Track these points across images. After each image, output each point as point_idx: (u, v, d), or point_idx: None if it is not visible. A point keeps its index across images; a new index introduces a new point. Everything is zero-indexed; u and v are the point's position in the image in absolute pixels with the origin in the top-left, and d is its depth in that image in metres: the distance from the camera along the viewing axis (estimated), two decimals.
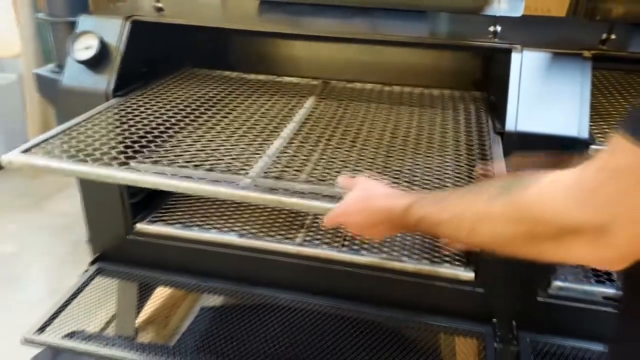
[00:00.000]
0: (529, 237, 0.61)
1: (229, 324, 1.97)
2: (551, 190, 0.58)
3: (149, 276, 1.54)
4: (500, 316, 1.34)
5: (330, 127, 1.43)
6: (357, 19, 1.48)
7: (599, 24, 1.22)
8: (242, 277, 1.48)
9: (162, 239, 1.47)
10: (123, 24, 1.35)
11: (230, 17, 1.64)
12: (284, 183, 1.13)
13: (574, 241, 0.56)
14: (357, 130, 1.43)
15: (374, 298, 1.41)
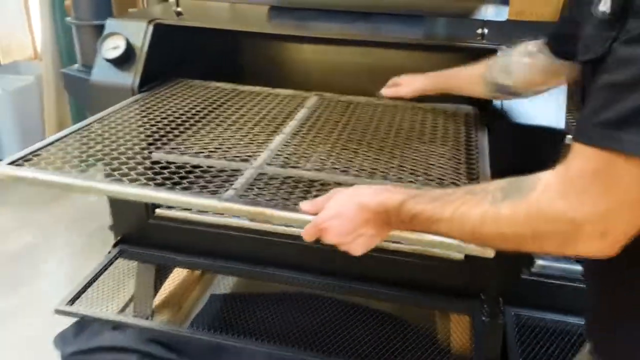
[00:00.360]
0: (535, 236, 0.66)
1: (237, 310, 2.11)
2: (551, 192, 0.64)
3: (167, 257, 1.68)
4: (488, 293, 1.48)
5: (330, 124, 1.50)
6: (358, 24, 1.62)
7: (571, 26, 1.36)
8: (253, 258, 1.61)
9: (180, 222, 1.61)
10: (147, 27, 1.50)
11: (241, 20, 1.78)
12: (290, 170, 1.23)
13: (577, 236, 0.62)
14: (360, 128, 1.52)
15: (371, 278, 1.54)
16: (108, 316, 1.42)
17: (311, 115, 1.52)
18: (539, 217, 0.64)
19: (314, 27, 1.63)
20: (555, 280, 1.43)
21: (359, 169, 1.23)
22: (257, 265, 1.61)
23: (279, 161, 1.24)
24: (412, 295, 1.53)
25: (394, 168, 1.25)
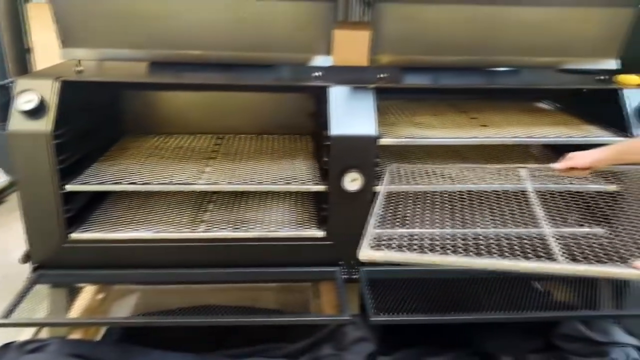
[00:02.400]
0: None
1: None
2: None
3: (82, 277, 1.96)
4: (345, 259, 2.02)
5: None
6: (224, 73, 2.10)
7: (376, 68, 2.01)
8: (161, 264, 1.97)
9: (93, 243, 1.92)
10: (54, 83, 1.83)
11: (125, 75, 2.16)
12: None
13: None
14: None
15: (259, 263, 2.00)
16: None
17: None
18: None
19: (187, 77, 2.08)
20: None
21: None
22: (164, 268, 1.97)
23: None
24: (291, 272, 2.01)
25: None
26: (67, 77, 1.87)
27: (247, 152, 2.32)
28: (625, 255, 1.41)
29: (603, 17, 2.01)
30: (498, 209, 1.81)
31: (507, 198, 1.85)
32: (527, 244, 1.53)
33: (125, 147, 2.33)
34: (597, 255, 1.48)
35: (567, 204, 1.88)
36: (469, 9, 1.94)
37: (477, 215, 1.78)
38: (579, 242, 1.56)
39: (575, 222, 1.86)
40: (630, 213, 1.76)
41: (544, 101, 2.62)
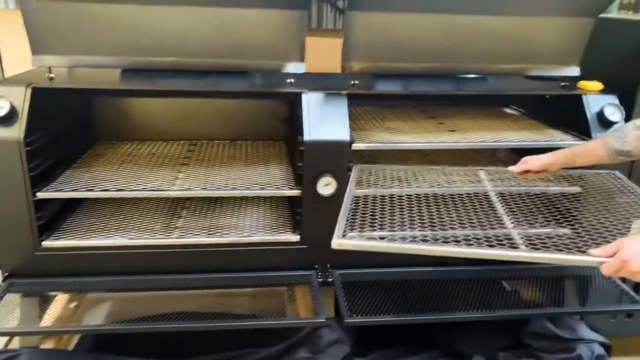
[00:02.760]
0: None
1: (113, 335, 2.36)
2: None
3: (55, 285, 1.94)
4: (320, 262, 2.05)
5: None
6: (198, 80, 2.12)
7: (348, 75, 2.05)
8: (135, 271, 1.97)
9: (67, 250, 1.91)
10: (26, 90, 1.82)
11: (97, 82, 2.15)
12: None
13: None
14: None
15: (234, 268, 2.01)
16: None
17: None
18: None
19: (161, 84, 2.08)
20: None
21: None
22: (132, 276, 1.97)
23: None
24: (266, 276, 2.03)
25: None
26: (38, 84, 1.85)
27: (220, 158, 2.34)
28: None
29: (565, 27, 2.10)
30: (464, 211, 1.86)
31: (470, 200, 1.91)
32: (495, 241, 1.59)
33: (98, 154, 2.32)
34: (559, 248, 1.55)
35: (534, 205, 1.95)
36: (438, 17, 2.01)
37: (444, 217, 1.83)
38: (543, 240, 1.63)
39: (540, 223, 1.93)
40: (592, 213, 1.84)
41: (510, 106, 2.70)
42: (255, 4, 1.86)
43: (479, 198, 1.93)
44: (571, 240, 1.58)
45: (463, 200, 1.92)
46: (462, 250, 1.50)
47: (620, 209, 1.78)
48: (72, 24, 1.91)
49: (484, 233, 1.68)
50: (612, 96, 2.08)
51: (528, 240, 1.61)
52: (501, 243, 1.56)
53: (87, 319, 2.51)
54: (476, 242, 1.57)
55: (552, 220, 1.93)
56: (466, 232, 1.71)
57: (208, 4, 1.87)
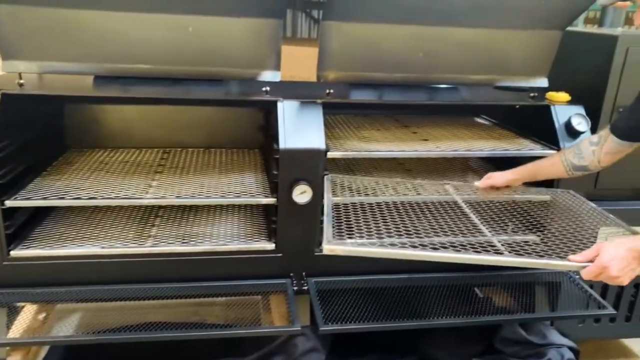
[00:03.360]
0: None
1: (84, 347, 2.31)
2: None
3: (24, 296, 1.89)
4: (295, 270, 2.05)
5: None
6: (172, 88, 2.11)
7: (324, 84, 2.07)
8: (107, 280, 1.94)
9: (36, 260, 1.87)
10: None
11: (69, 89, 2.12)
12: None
13: None
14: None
15: (208, 277, 2.00)
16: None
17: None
18: None
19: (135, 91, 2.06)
20: None
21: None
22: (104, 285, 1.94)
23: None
24: (241, 285, 2.02)
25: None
26: (7, 90, 1.82)
27: (194, 166, 2.32)
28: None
29: (534, 40, 2.16)
30: (440, 219, 1.90)
31: (443, 208, 1.95)
32: (480, 247, 1.63)
33: (70, 162, 2.28)
34: (540, 254, 1.62)
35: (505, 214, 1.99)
36: (411, 29, 2.04)
37: (423, 223, 1.86)
38: (523, 246, 1.68)
39: (513, 231, 1.97)
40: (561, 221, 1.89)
41: (481, 116, 2.76)
42: (231, 12, 1.87)
43: (451, 206, 1.97)
44: (548, 247, 1.65)
45: (436, 208, 1.96)
46: (455, 256, 1.54)
47: (585, 221, 1.84)
48: (44, 30, 1.88)
49: (467, 240, 1.72)
50: (579, 107, 2.15)
51: (509, 247, 1.67)
52: (486, 250, 1.62)
53: (56, 329, 2.45)
54: (462, 248, 1.61)
55: (523, 228, 1.97)
56: (450, 239, 1.74)
57: (183, 12, 1.87)
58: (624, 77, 2.12)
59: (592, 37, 2.30)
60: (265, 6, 1.87)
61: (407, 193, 2.05)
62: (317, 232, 2.03)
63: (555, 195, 2.06)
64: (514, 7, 2.04)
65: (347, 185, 2.04)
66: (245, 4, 1.86)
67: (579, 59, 2.31)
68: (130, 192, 1.95)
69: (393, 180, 2.17)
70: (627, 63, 2.11)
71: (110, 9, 1.86)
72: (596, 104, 2.16)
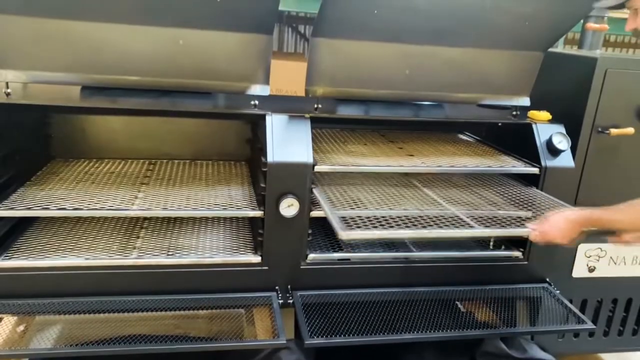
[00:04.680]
0: None
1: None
2: None
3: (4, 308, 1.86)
4: (280, 284, 2.05)
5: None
6: (160, 99, 2.11)
7: (312, 99, 2.10)
8: (91, 292, 1.92)
9: (18, 271, 1.84)
10: None
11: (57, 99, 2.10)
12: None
13: None
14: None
15: (193, 289, 1.99)
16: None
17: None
18: None
19: (122, 102, 2.06)
20: (322, 266, 2.08)
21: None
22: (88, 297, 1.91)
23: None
24: (226, 298, 2.01)
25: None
26: None
27: (181, 178, 2.32)
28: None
29: (517, 60, 2.22)
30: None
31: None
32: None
33: (54, 172, 2.26)
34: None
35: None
36: (398, 47, 2.08)
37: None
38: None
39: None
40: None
41: (465, 133, 2.81)
42: (221, 26, 1.89)
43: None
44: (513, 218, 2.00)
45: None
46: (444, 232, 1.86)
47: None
48: (32, 39, 1.87)
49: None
50: (560, 125, 2.21)
51: (476, 220, 1.96)
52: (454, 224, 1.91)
53: (36, 342, 2.40)
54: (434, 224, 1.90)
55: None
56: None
57: (173, 25, 1.88)
58: (602, 98, 2.18)
59: (573, 59, 2.37)
60: (256, 22, 1.89)
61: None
62: (303, 246, 2.04)
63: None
64: (498, 28, 2.09)
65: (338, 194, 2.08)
66: (236, 19, 1.87)
67: (560, 80, 2.38)
68: (116, 203, 1.94)
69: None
70: (606, 84, 2.17)
71: (100, 20, 1.86)
72: (576, 123, 2.22)
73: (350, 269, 2.12)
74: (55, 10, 1.80)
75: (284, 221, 1.95)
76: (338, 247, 2.19)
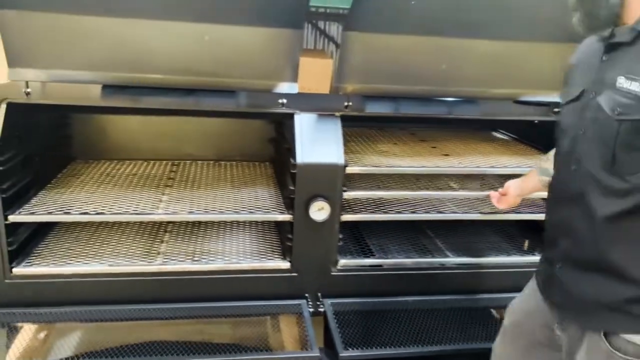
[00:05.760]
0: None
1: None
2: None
3: (27, 316, 1.79)
4: (310, 291, 1.95)
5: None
6: (185, 98, 2.03)
7: (342, 96, 1.99)
8: (114, 300, 1.84)
9: (40, 278, 1.77)
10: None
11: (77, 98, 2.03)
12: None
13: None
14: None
15: (220, 297, 1.90)
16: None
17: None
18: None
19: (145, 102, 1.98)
20: (354, 272, 1.97)
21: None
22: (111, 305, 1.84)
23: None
24: (254, 305, 1.92)
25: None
26: (14, 99, 1.73)
27: (205, 180, 2.24)
28: None
29: (557, 53, 2.09)
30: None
31: None
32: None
33: (75, 174, 2.19)
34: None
35: None
36: (432, 40, 1.96)
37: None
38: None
39: None
40: None
41: (499, 130, 2.69)
42: (250, 21, 1.79)
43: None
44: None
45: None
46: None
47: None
48: (51, 36, 1.79)
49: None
50: None
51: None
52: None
53: (57, 349, 2.33)
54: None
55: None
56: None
57: (199, 20, 1.79)
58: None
59: None
60: (286, 16, 1.79)
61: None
62: (334, 251, 1.94)
63: None
64: (538, 19, 1.97)
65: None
66: (265, 13, 1.78)
67: None
68: (140, 207, 1.86)
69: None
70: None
71: (122, 15, 1.77)
72: None
73: (382, 276, 2.02)
74: (75, 5, 1.72)
75: (314, 225, 1.86)
76: (370, 253, 2.09)
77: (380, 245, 2.17)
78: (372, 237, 2.24)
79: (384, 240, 2.21)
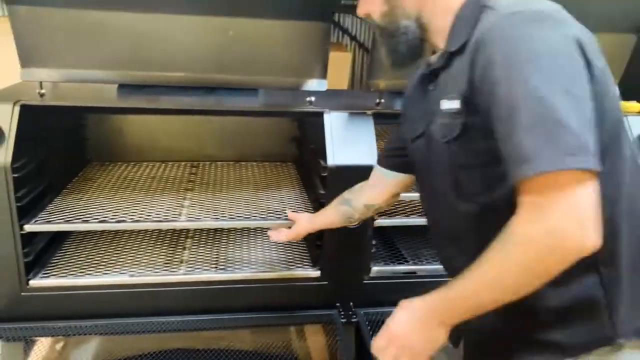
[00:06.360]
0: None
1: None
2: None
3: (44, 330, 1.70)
4: (342, 300, 1.85)
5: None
6: (205, 97, 1.91)
7: (373, 93, 1.87)
8: (135, 312, 1.74)
9: (57, 290, 1.67)
10: (13, 108, 1.59)
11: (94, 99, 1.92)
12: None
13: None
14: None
15: (247, 307, 1.80)
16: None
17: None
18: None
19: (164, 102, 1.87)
20: (387, 280, 1.86)
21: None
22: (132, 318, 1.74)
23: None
24: (284, 316, 1.82)
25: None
26: (27, 101, 1.63)
27: (227, 182, 2.13)
28: None
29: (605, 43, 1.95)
30: None
31: None
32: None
33: (91, 178, 2.09)
34: None
35: None
36: None
37: None
38: None
39: None
40: None
41: None
42: (276, 14, 1.67)
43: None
44: None
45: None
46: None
47: None
48: (65, 33, 1.68)
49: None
50: None
51: None
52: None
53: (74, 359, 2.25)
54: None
55: None
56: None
57: (222, 13, 1.67)
58: None
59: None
60: (314, 8, 1.67)
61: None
62: (366, 258, 1.83)
63: None
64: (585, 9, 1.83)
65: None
66: (293, 5, 1.66)
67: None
68: (162, 213, 1.76)
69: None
70: None
71: (139, 10, 1.66)
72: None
73: (417, 284, 1.90)
74: (90, 0, 1.61)
75: (345, 231, 1.74)
76: (403, 259, 1.97)
77: (413, 250, 2.05)
78: (402, 242, 2.13)
79: (416, 245, 2.09)
